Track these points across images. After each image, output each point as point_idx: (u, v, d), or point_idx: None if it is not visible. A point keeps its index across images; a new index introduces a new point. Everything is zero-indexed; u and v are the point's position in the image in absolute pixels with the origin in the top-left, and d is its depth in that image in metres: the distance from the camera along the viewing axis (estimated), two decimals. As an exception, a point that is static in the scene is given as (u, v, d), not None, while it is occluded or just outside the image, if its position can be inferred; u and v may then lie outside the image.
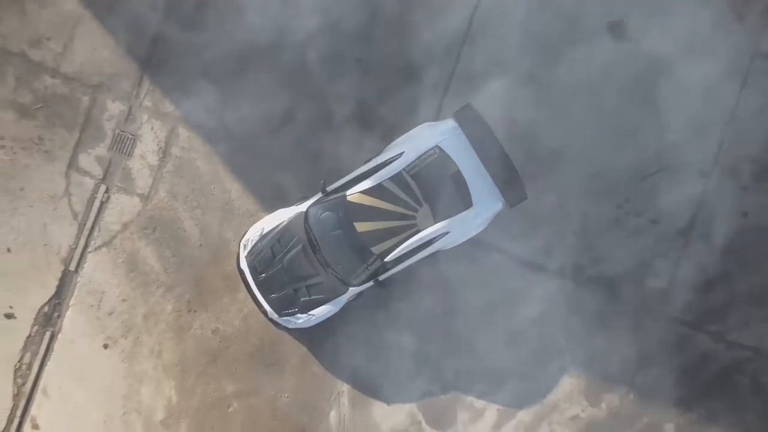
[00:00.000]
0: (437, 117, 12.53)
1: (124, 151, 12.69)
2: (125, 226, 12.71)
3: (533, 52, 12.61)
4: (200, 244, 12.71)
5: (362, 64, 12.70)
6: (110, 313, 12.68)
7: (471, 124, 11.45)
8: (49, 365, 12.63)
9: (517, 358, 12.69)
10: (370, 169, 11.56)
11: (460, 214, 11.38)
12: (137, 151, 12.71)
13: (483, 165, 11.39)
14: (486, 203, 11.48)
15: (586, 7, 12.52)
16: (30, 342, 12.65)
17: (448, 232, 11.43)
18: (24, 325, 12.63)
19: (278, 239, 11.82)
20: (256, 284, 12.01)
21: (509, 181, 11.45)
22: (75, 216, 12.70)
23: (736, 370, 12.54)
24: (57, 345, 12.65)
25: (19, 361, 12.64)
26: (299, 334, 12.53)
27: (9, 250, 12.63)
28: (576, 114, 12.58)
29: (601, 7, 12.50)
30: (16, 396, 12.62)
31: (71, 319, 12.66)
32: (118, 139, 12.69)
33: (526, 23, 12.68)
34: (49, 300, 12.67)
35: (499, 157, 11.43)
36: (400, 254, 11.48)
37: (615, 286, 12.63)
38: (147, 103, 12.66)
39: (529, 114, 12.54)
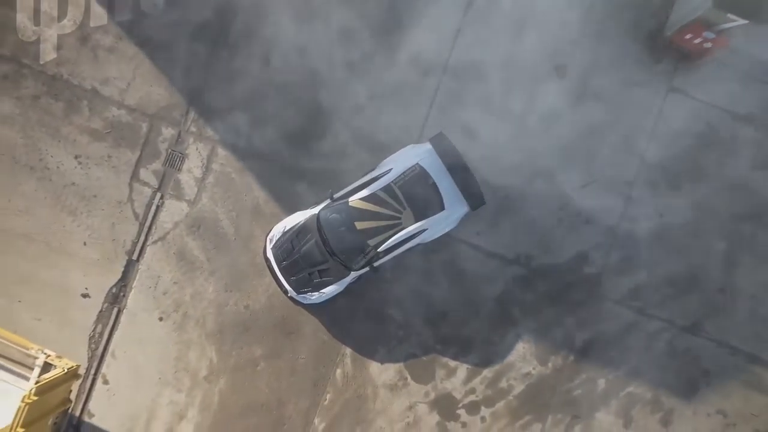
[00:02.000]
0: (418, 140, 13.75)
1: (175, 166, 13.91)
2: (176, 225, 13.93)
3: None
4: (235, 239, 13.87)
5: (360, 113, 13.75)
6: (164, 293, 13.91)
7: (443, 147, 12.92)
8: (117, 334, 13.82)
9: (482, 327, 13.86)
10: (366, 181, 12.91)
11: (435, 216, 12.82)
12: (185, 167, 13.91)
13: (452, 178, 12.82)
14: (455, 207, 12.90)
15: (535, 55, 13.82)
16: (101, 316, 13.85)
17: (426, 229, 12.86)
18: (97, 302, 13.83)
19: (297, 234, 13.09)
20: (279, 269, 13.25)
21: (471, 190, 12.86)
22: (136, 217, 13.89)
23: (654, 337, 13.94)
24: (123, 318, 13.82)
25: (92, 331, 13.84)
26: (312, 308, 13.70)
27: (85, 244, 13.89)
28: (527, 140, 13.79)
29: (546, 54, 13.81)
30: (91, 358, 13.80)
31: (134, 298, 13.84)
32: (170, 157, 13.91)
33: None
34: (116, 283, 13.87)
35: (465, 172, 12.90)
36: (389, 246, 12.74)
37: (558, 272, 13.87)
38: (193, 128, 13.89)
39: (491, 138, 13.77)
